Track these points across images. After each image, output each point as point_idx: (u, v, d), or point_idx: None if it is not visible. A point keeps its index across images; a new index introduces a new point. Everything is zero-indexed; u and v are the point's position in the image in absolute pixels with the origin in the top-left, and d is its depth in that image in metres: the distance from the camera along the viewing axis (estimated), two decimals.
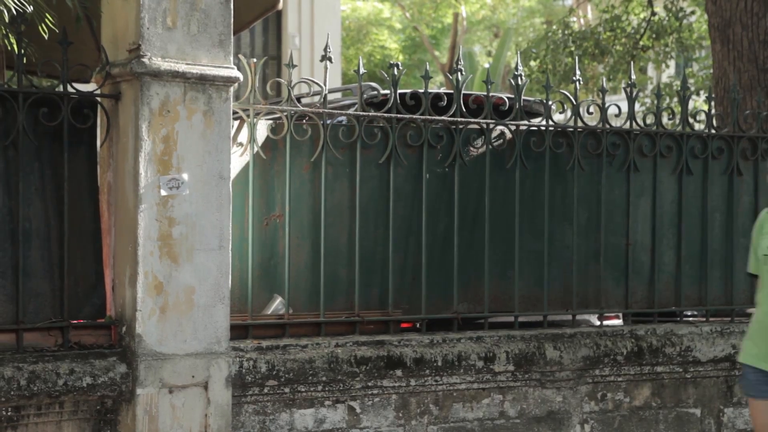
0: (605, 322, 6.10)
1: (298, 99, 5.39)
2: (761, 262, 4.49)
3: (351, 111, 5.44)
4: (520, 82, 5.77)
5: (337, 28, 17.06)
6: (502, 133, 5.79)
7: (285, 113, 5.16)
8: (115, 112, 4.67)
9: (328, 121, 5.32)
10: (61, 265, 4.56)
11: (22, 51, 4.54)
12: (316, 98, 5.43)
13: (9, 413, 4.29)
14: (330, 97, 5.60)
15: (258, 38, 15.91)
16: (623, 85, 6.23)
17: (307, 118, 5.29)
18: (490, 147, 5.69)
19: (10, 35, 5.13)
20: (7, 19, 4.71)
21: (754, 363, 4.45)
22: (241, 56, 5.05)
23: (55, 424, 4.41)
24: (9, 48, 5.43)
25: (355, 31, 25.68)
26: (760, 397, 4.43)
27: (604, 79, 6.67)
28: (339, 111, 5.51)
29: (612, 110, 6.07)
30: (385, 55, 25.67)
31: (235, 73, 4.74)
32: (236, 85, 4.78)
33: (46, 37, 5.46)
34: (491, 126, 5.67)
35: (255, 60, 5.19)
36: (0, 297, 4.44)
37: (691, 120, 6.36)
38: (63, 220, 4.56)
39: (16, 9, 4.79)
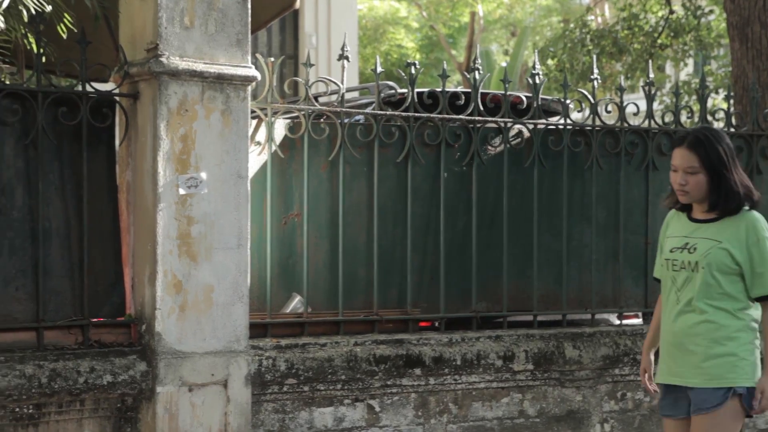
0: (625, 321, 6.08)
1: (316, 98, 5.39)
2: (664, 267, 4.11)
3: (368, 110, 5.44)
4: (537, 81, 5.76)
5: (354, 27, 17.05)
6: (520, 132, 5.78)
7: (303, 112, 5.16)
8: (134, 112, 4.68)
9: (346, 120, 5.32)
10: (80, 263, 4.57)
11: (41, 50, 4.56)
12: (334, 97, 5.43)
13: (30, 411, 4.30)
14: (347, 96, 5.59)
15: (275, 37, 15.92)
16: (641, 84, 6.21)
17: (324, 117, 5.29)
18: (508, 146, 5.68)
19: (29, 35, 5.15)
20: (26, 19, 4.73)
21: (664, 380, 4.09)
22: (258, 55, 5.05)
23: (76, 422, 4.42)
24: (28, 47, 5.45)
25: (371, 30, 25.68)
26: (672, 416, 4.06)
27: (622, 78, 6.64)
28: (356, 110, 5.51)
29: (630, 109, 6.04)
30: (402, 54, 25.66)
31: (252, 72, 4.75)
32: (254, 84, 4.79)
33: (64, 36, 5.48)
34: (509, 125, 5.65)
35: (272, 59, 5.20)
36: (21, 295, 4.46)
37: (710, 118, 6.33)
38: (82, 219, 4.57)
39: (35, 8, 4.81)
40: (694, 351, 3.94)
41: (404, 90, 5.61)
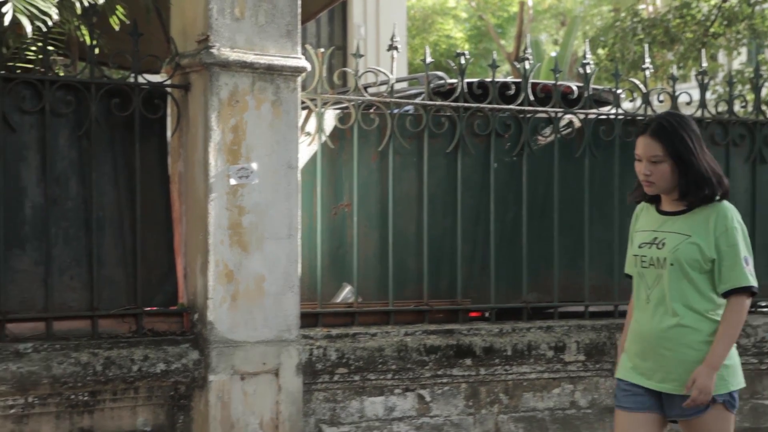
0: None
1: (365, 88, 5.39)
2: (631, 263, 3.83)
3: (418, 100, 5.43)
4: (588, 71, 5.71)
5: (403, 18, 17.02)
6: (571, 122, 5.74)
7: (352, 103, 5.16)
8: (185, 103, 4.71)
9: (395, 111, 5.31)
10: (133, 253, 4.61)
11: (94, 42, 4.60)
12: (383, 88, 5.43)
13: (85, 398, 4.36)
14: (396, 86, 5.59)
15: (324, 28, 15.93)
16: (694, 73, 6.13)
17: (374, 107, 5.29)
18: (559, 136, 5.64)
19: (82, 27, 5.21)
20: (79, 11, 4.77)
21: (627, 377, 3.75)
22: (308, 46, 5.06)
23: (130, 410, 4.48)
24: (81, 39, 5.50)
25: (420, 21, 25.62)
26: (629, 408, 3.71)
27: (675, 67, 6.57)
28: (406, 100, 5.50)
29: (683, 98, 5.97)
30: (451, 44, 25.57)
31: (302, 63, 4.76)
32: (303, 74, 4.80)
33: (117, 28, 5.53)
34: (559, 115, 5.62)
35: (322, 50, 5.21)
36: (76, 284, 4.52)
37: (764, 107, 6.23)
38: (135, 209, 4.62)
39: (87, 1, 4.85)
40: (665, 355, 3.64)
41: (454, 80, 5.59)
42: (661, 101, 6.03)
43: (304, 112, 5.08)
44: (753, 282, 3.61)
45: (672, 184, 3.65)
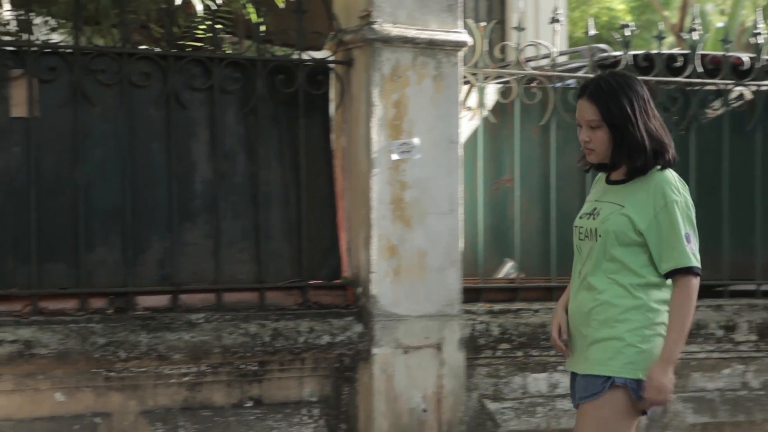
0: None
1: (526, 62, 5.32)
2: (573, 234, 3.45)
3: (581, 73, 5.33)
4: (760, 41, 5.49)
5: None
6: (742, 95, 5.53)
7: (514, 77, 5.11)
8: (348, 79, 4.76)
9: (558, 85, 5.23)
10: (298, 227, 4.69)
11: (260, 20, 4.69)
12: (544, 62, 5.35)
13: (254, 368, 4.48)
14: (558, 60, 5.50)
15: (482, 3, 15.79)
16: None
17: (536, 81, 5.22)
18: (729, 109, 5.44)
19: (248, 5, 5.32)
20: None
21: (567, 365, 3.45)
22: (469, 20, 5.03)
23: (296, 380, 4.57)
24: (247, 17, 5.63)
25: None
26: (574, 405, 3.38)
27: None
28: (569, 74, 5.40)
29: None
30: (612, 16, 24.99)
31: (463, 37, 4.73)
32: (464, 49, 4.77)
33: (281, 6, 5.64)
34: (729, 87, 5.42)
35: (483, 24, 5.17)
36: (244, 257, 4.63)
37: None
38: (300, 184, 4.69)
39: None
40: (585, 335, 3.29)
41: (617, 53, 5.45)
42: None
43: (465, 87, 5.05)
44: (695, 262, 3.23)
45: (611, 151, 3.29)
